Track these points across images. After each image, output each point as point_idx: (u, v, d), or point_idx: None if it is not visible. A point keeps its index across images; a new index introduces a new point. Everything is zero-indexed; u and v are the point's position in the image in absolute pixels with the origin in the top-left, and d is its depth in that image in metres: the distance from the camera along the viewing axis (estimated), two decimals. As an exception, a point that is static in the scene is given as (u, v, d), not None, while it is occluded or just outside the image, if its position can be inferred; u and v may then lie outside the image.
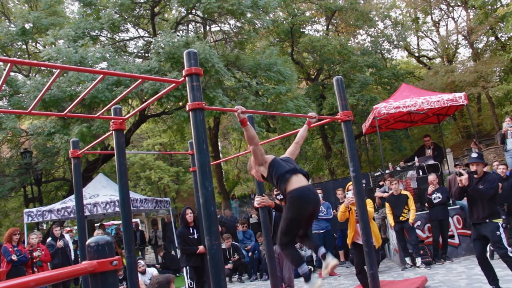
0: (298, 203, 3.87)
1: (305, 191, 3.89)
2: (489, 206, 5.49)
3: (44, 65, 5.23)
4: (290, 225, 3.92)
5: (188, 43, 11.99)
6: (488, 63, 20.55)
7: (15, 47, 15.66)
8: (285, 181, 3.93)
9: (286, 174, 3.94)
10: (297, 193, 3.86)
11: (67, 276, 1.55)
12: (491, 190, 5.42)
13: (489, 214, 5.47)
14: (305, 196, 3.87)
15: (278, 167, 4.03)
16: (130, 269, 4.63)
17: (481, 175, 5.62)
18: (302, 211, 3.89)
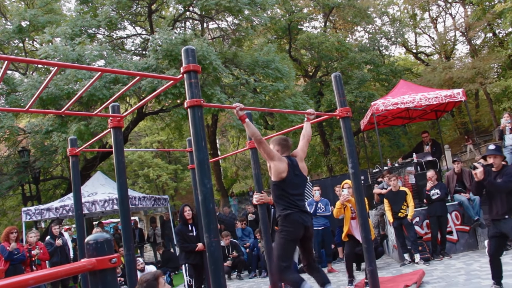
0: (289, 228, 4.01)
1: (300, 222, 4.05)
2: (508, 200, 5.14)
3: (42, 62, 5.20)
4: (284, 249, 4.01)
5: (186, 40, 11.97)
6: (485, 59, 20.58)
7: (11, 45, 15.62)
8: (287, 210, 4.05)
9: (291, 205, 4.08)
10: (289, 218, 4.02)
11: (66, 274, 1.54)
12: (510, 183, 5.05)
13: (509, 209, 5.14)
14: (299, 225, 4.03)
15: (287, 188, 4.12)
16: (129, 267, 4.63)
17: (499, 168, 5.27)
18: (294, 233, 4.01)
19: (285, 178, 4.07)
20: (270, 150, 4.04)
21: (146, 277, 3.16)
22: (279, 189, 4.09)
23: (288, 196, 4.07)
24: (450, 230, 8.64)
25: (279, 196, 4.09)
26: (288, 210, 4.02)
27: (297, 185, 4.16)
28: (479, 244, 8.66)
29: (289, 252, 4.02)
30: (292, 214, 4.01)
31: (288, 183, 4.08)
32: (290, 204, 4.05)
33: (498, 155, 5.28)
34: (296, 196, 4.12)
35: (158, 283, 3.18)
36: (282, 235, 4.02)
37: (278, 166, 4.07)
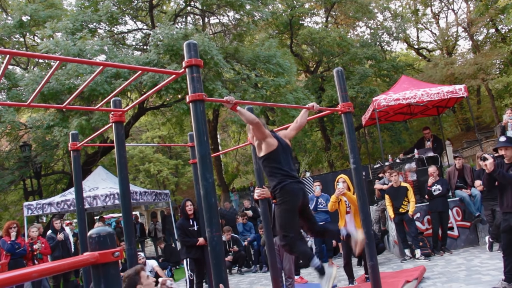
0: (287, 196, 4.02)
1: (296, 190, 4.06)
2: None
3: (43, 56, 5.21)
4: (286, 218, 4.01)
5: (187, 35, 11.94)
6: (488, 55, 20.51)
7: (12, 40, 15.59)
8: (282, 182, 4.06)
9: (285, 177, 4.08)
10: (286, 188, 4.03)
11: (69, 267, 1.55)
12: None
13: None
14: (293, 190, 4.04)
15: (277, 160, 4.13)
16: (131, 261, 4.64)
17: (511, 160, 5.15)
18: (293, 202, 4.02)
19: (276, 149, 4.11)
20: (264, 130, 4.09)
21: (128, 273, 3.17)
22: (271, 161, 4.11)
23: (281, 168, 4.10)
24: (451, 226, 8.65)
25: (272, 169, 4.12)
26: (284, 182, 4.05)
27: (286, 155, 4.20)
28: (479, 240, 8.67)
29: (292, 222, 4.01)
30: (288, 185, 4.03)
31: (278, 152, 4.12)
32: (284, 175, 4.08)
33: (510, 147, 5.14)
34: (289, 165, 4.15)
35: (140, 277, 3.19)
36: (281, 206, 4.03)
37: (270, 141, 4.13)
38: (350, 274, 6.93)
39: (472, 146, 19.34)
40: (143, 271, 3.26)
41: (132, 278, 3.16)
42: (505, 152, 5.16)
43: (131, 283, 3.12)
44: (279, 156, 4.13)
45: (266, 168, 4.21)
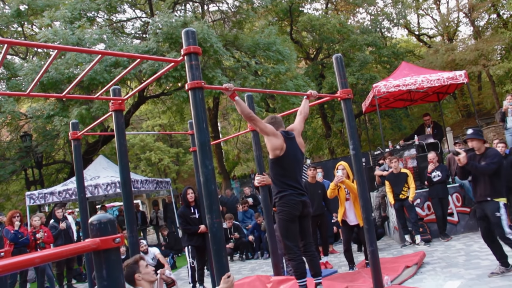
0: (286, 207, 4.10)
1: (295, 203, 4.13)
2: (492, 183, 5.29)
3: (41, 45, 5.20)
4: (285, 228, 4.12)
5: (186, 23, 11.88)
6: (489, 41, 20.39)
7: (10, 29, 15.50)
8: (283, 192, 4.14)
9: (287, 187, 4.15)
10: (285, 199, 4.11)
11: (71, 253, 1.57)
12: (492, 165, 5.23)
13: (491, 192, 5.30)
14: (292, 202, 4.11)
15: (284, 167, 4.17)
16: (133, 248, 4.69)
17: (482, 151, 5.44)
18: (291, 213, 4.10)
19: (283, 155, 4.11)
20: (264, 125, 4.07)
21: (127, 262, 3.24)
22: (276, 167, 4.14)
23: (285, 175, 4.11)
24: (451, 211, 8.69)
25: (276, 175, 4.15)
26: (284, 192, 4.09)
27: (294, 161, 4.20)
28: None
29: (292, 231, 4.09)
30: (288, 195, 4.09)
31: (286, 159, 4.12)
32: (286, 185, 4.11)
33: (476, 139, 5.43)
34: (293, 175, 4.16)
35: (139, 266, 3.26)
36: (280, 216, 4.12)
37: (273, 141, 4.10)
38: (350, 260, 6.99)
39: (473, 132, 19.32)
40: (142, 260, 3.31)
41: (131, 266, 3.22)
42: (472, 143, 5.46)
43: (130, 271, 3.18)
44: (285, 163, 4.14)
45: (271, 172, 4.24)
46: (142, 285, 3.23)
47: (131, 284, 3.24)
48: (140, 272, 3.23)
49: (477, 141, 5.46)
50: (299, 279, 4.06)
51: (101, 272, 1.62)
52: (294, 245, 4.09)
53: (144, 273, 3.26)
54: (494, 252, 5.42)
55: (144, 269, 3.27)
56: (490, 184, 5.30)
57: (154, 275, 3.36)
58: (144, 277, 3.25)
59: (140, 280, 3.22)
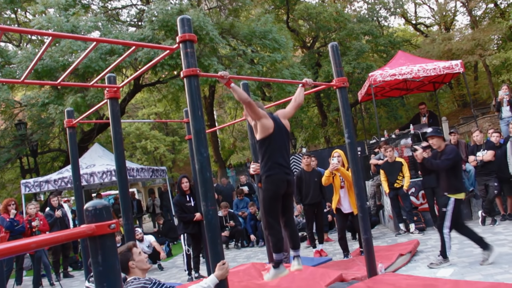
0: (270, 185, 4.12)
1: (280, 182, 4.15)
2: (448, 179, 5.52)
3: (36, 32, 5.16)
4: (268, 205, 4.15)
5: (182, 10, 11.80)
6: (486, 30, 20.37)
7: (3, 16, 15.35)
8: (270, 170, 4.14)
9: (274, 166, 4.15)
10: (271, 178, 4.12)
11: (66, 238, 1.58)
12: (446, 162, 5.45)
13: (448, 187, 5.52)
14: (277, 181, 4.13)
15: (272, 147, 4.17)
16: (128, 236, 4.71)
17: (442, 148, 5.68)
18: (275, 191, 4.13)
19: (272, 134, 4.13)
20: (258, 110, 4.09)
21: (120, 249, 3.23)
22: (264, 146, 4.15)
23: (273, 154, 4.14)
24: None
25: (264, 154, 4.17)
26: (271, 171, 4.12)
27: (282, 140, 4.23)
28: (473, 215, 8.79)
29: (274, 208, 4.14)
30: (273, 175, 4.11)
31: (274, 138, 4.15)
32: (274, 163, 4.13)
33: (436, 136, 5.71)
34: (280, 153, 4.19)
35: (132, 253, 3.26)
36: (265, 193, 4.16)
37: (265, 122, 4.13)
38: (345, 248, 7.04)
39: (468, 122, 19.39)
40: (135, 247, 3.32)
41: (125, 254, 3.22)
42: (432, 141, 5.72)
43: (123, 259, 3.17)
44: (273, 142, 4.15)
45: (259, 151, 4.28)
46: (136, 273, 3.23)
47: (125, 272, 3.23)
48: (134, 259, 3.23)
49: (437, 139, 5.69)
50: (277, 253, 4.14)
51: (97, 258, 1.63)
52: (275, 222, 4.16)
53: (138, 260, 3.26)
54: (472, 239, 5.61)
55: (137, 257, 3.27)
56: (447, 180, 5.52)
57: (147, 263, 3.36)
58: (138, 265, 3.25)
59: (134, 268, 3.23)
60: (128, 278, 3.21)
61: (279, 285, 4.83)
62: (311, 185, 7.66)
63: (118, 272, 1.68)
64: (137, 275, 3.22)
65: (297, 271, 4.27)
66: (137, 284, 3.06)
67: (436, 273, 5.21)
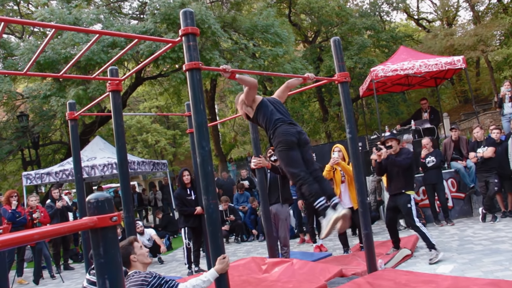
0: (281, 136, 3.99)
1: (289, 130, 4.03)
2: (405, 177, 6.12)
3: (38, 24, 5.14)
4: (287, 157, 3.96)
5: (184, 3, 11.76)
6: (488, 26, 20.28)
7: (6, 8, 15.32)
8: (274, 127, 4.05)
9: (277, 121, 4.07)
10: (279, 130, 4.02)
11: (68, 230, 1.59)
12: (407, 160, 6.14)
13: (405, 185, 6.10)
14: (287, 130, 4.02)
15: (266, 111, 4.14)
16: (129, 229, 4.72)
17: (397, 151, 6.34)
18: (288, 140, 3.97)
19: (262, 101, 4.16)
20: (255, 97, 4.15)
21: (122, 244, 3.23)
22: (261, 113, 4.13)
23: (272, 115, 4.09)
24: (445, 197, 8.74)
25: (263, 120, 4.12)
26: (277, 125, 4.04)
27: (274, 104, 4.22)
28: (473, 211, 8.80)
29: (294, 159, 3.94)
30: (280, 126, 4.02)
31: (265, 103, 4.15)
32: (276, 120, 4.07)
33: (395, 139, 6.50)
34: (278, 113, 4.15)
35: (134, 247, 3.28)
36: (279, 148, 4.00)
37: (256, 98, 4.18)
38: (344, 243, 7.05)
39: (470, 118, 19.39)
40: (136, 241, 3.34)
41: (126, 248, 3.24)
42: (391, 143, 6.39)
43: (125, 253, 3.19)
44: (268, 107, 4.14)
45: (261, 123, 4.20)
46: (137, 267, 3.25)
47: (126, 265, 3.26)
48: (135, 253, 3.26)
49: (395, 141, 6.43)
50: (317, 199, 3.80)
51: (98, 250, 1.64)
52: (301, 170, 3.90)
53: (139, 254, 3.28)
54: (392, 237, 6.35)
55: (139, 250, 3.29)
56: (404, 178, 6.13)
57: (148, 257, 3.38)
58: (139, 259, 3.27)
59: (135, 261, 3.25)
60: (129, 271, 3.23)
61: (279, 279, 4.85)
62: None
63: (119, 264, 1.69)
64: (138, 269, 3.23)
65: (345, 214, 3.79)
66: (137, 278, 3.07)
67: (436, 270, 5.23)
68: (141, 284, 3.03)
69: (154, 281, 3.06)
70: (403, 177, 6.13)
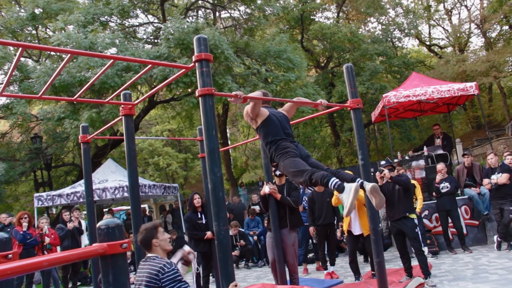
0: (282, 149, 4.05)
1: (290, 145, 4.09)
2: (407, 200, 6.34)
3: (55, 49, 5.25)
4: (292, 163, 3.94)
5: (198, 29, 11.96)
6: (501, 52, 20.24)
7: (25, 32, 15.71)
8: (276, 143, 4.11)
9: (279, 140, 4.12)
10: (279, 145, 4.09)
11: (78, 257, 1.58)
12: (408, 179, 6.49)
13: (409, 208, 6.32)
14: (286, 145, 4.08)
15: (270, 130, 4.17)
16: (139, 253, 4.69)
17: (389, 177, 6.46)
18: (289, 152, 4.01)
19: (268, 116, 4.16)
20: (259, 111, 4.16)
21: (146, 225, 3.33)
22: (265, 129, 4.16)
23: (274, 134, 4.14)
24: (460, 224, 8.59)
25: (265, 136, 4.16)
26: (277, 142, 4.09)
27: (279, 121, 4.25)
28: (488, 239, 8.62)
29: (300, 162, 3.91)
30: (281, 142, 4.08)
31: (272, 119, 4.17)
32: (278, 138, 4.12)
33: (390, 165, 6.81)
34: (281, 132, 4.17)
35: (158, 232, 3.32)
36: (281, 159, 4.00)
37: (262, 111, 4.19)
38: (356, 271, 6.93)
39: (483, 144, 19.18)
40: (160, 227, 3.40)
41: (150, 231, 3.31)
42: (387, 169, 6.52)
43: (148, 235, 3.28)
44: (273, 126, 4.17)
45: (263, 137, 4.23)
46: (158, 252, 3.29)
47: (147, 248, 3.31)
48: (157, 238, 3.30)
49: (391, 167, 6.65)
50: (329, 179, 3.60)
51: (108, 277, 1.62)
52: (305, 167, 3.84)
53: (162, 239, 3.33)
54: (405, 263, 6.35)
55: (162, 236, 3.34)
56: (406, 201, 6.31)
57: (169, 245, 3.42)
58: (161, 244, 3.31)
59: (157, 246, 3.29)
60: (149, 254, 3.28)
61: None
62: (323, 206, 7.59)
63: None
64: (158, 254, 3.28)
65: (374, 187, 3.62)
66: (157, 263, 3.13)
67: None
68: (159, 270, 3.08)
69: (170, 272, 3.09)
70: (405, 201, 6.29)
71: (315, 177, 3.70)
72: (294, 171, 3.91)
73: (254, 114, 4.18)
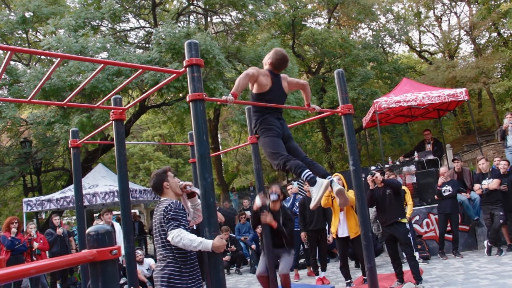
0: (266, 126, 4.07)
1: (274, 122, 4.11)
2: (399, 205, 6.42)
3: (45, 53, 5.21)
4: (271, 144, 3.98)
5: (189, 34, 11.95)
6: (489, 59, 20.48)
7: (15, 36, 15.58)
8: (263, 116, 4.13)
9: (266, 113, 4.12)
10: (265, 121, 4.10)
11: (67, 264, 1.55)
12: (399, 183, 6.62)
13: (401, 212, 6.39)
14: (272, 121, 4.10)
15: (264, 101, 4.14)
16: (129, 259, 4.65)
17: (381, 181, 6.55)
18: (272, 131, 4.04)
19: (267, 91, 4.12)
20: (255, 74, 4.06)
21: (157, 171, 3.54)
22: (259, 100, 4.13)
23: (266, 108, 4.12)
24: (449, 229, 8.63)
25: (259, 108, 4.14)
26: (264, 116, 4.08)
27: (276, 98, 4.22)
28: (478, 244, 8.67)
29: (278, 144, 3.97)
30: (267, 118, 4.08)
31: (269, 95, 4.13)
32: (266, 111, 4.11)
33: (380, 171, 6.73)
34: (274, 110, 4.17)
35: (167, 175, 3.50)
36: (263, 135, 4.04)
37: (262, 81, 4.11)
38: (347, 275, 6.91)
39: (473, 149, 19.32)
40: (170, 171, 3.56)
41: (160, 175, 3.49)
42: (377, 174, 6.55)
43: (159, 179, 3.47)
44: (267, 97, 4.14)
45: (252, 100, 4.23)
46: (169, 195, 3.47)
47: (158, 192, 3.51)
48: (168, 181, 3.46)
49: (380, 173, 6.65)
50: (303, 170, 3.76)
51: (97, 284, 1.60)
52: (283, 151, 3.92)
53: (172, 182, 3.48)
54: (396, 268, 6.40)
55: (172, 179, 3.49)
56: (397, 205, 6.36)
57: (179, 188, 3.54)
58: (172, 186, 3.48)
59: (168, 189, 3.47)
60: (161, 198, 3.46)
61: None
62: (315, 211, 7.57)
63: (118, 299, 1.65)
64: (170, 197, 3.44)
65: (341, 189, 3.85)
66: (165, 204, 3.29)
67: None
68: (165, 208, 3.27)
69: (175, 209, 3.25)
70: (397, 205, 6.34)
71: (290, 165, 3.84)
72: (270, 152, 3.98)
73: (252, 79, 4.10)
